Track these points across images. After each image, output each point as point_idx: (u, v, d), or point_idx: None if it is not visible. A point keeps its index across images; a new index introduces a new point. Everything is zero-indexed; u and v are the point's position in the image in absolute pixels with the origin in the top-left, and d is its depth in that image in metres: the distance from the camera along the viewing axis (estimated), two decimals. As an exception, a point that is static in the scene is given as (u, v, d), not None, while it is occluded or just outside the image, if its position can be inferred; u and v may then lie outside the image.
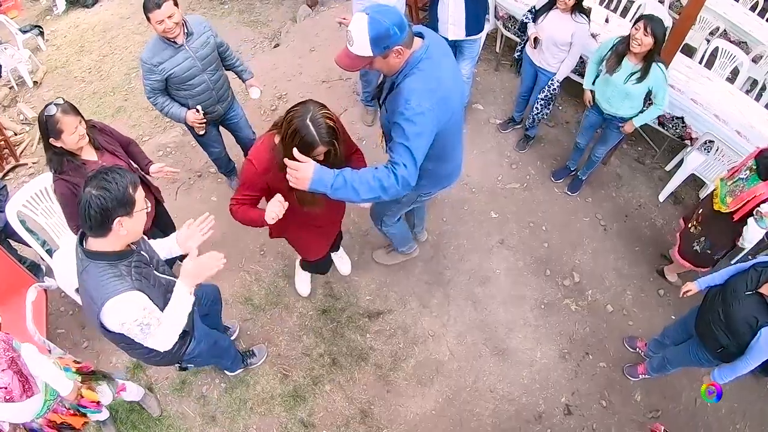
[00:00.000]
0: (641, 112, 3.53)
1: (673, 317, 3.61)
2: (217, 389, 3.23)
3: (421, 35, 2.15)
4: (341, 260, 3.65)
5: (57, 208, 3.28)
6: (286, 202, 2.27)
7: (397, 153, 2.08)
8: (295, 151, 1.97)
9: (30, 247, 3.56)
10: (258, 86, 3.51)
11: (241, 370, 3.25)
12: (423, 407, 3.22)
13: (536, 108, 4.04)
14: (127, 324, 1.81)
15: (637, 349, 3.50)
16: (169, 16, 2.72)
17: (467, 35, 3.73)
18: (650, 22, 3.06)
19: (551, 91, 3.90)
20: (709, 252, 3.25)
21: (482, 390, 3.30)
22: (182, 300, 2.00)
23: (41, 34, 6.26)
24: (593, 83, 3.65)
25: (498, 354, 3.43)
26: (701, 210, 3.25)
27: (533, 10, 3.87)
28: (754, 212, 2.81)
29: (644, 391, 3.39)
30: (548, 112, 4.10)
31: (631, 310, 3.70)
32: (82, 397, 2.54)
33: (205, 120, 3.19)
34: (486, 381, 3.34)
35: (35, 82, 5.76)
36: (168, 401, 3.20)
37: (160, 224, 3.09)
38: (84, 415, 2.69)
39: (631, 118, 3.54)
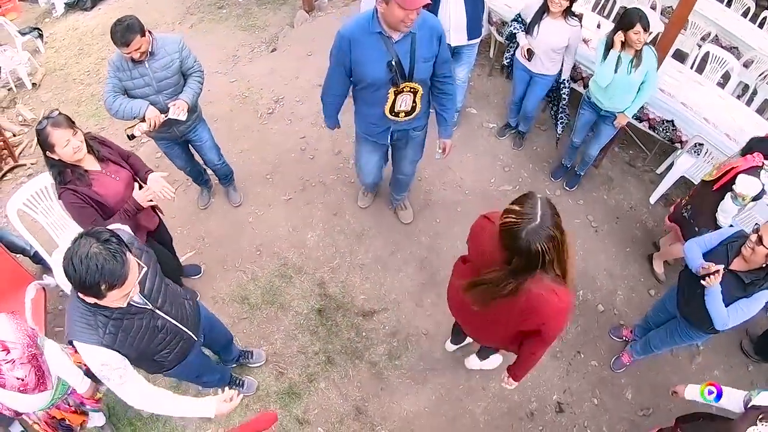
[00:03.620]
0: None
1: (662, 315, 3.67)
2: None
3: None
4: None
5: (57, 206, 3.32)
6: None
7: None
8: None
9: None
10: (182, 110, 3.06)
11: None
12: (416, 405, 3.26)
13: (561, 117, 4.17)
14: (90, 366, 1.83)
15: (624, 338, 3.57)
16: (137, 48, 2.76)
17: (469, 39, 3.77)
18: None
19: (567, 92, 4.01)
20: (691, 222, 3.32)
21: (475, 388, 3.34)
22: (190, 410, 2.04)
23: (40, 36, 6.28)
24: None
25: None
26: (695, 186, 3.43)
27: (519, 19, 3.86)
28: (733, 187, 2.94)
29: (635, 389, 3.44)
30: (569, 115, 4.23)
31: (622, 309, 3.76)
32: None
33: (157, 127, 3.02)
34: (479, 379, 3.37)
35: (34, 84, 5.78)
36: (164, 399, 3.23)
37: (158, 236, 3.08)
38: (84, 414, 2.73)
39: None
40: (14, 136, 5.22)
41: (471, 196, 4.19)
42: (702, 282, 2.55)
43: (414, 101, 2.86)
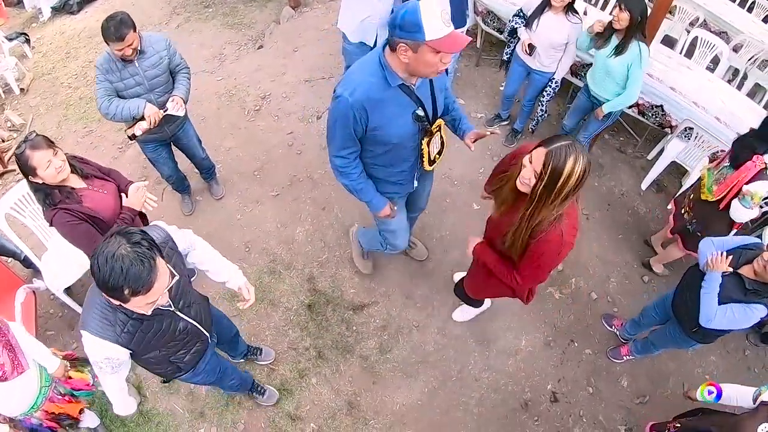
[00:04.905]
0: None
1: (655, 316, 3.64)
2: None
3: None
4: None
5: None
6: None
7: None
8: None
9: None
10: (181, 106, 3.10)
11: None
12: (409, 398, 3.23)
13: (540, 110, 4.14)
14: (88, 355, 1.79)
15: (613, 328, 3.54)
16: (130, 44, 2.73)
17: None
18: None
19: (554, 90, 3.97)
20: (699, 235, 3.26)
21: (468, 379, 3.32)
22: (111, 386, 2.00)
23: (27, 41, 6.25)
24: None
25: (483, 343, 3.45)
26: (692, 196, 3.28)
27: (521, 14, 3.84)
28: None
29: (631, 376, 3.41)
30: (548, 112, 4.20)
31: (615, 296, 3.73)
32: (71, 378, 2.56)
33: (159, 122, 3.03)
34: (471, 370, 3.35)
35: (22, 89, 5.75)
36: (157, 398, 3.20)
37: None
38: (79, 401, 2.70)
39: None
40: (3, 141, 5.20)
41: (460, 186, 4.16)
42: (708, 257, 2.49)
43: (441, 137, 2.50)
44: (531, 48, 3.75)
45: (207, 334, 2.22)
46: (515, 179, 1.88)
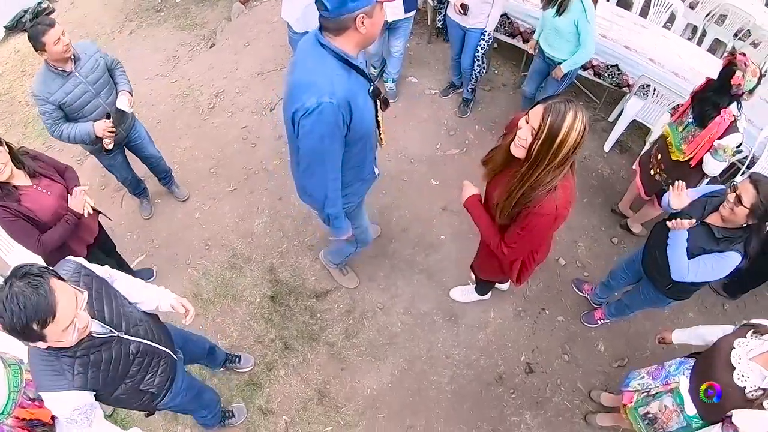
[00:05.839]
0: None
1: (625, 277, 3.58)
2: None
3: None
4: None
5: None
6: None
7: None
8: None
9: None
10: (129, 99, 3.11)
11: (216, 428, 2.98)
12: (379, 381, 3.17)
13: (476, 67, 4.01)
14: (56, 412, 1.71)
15: (584, 292, 3.47)
16: (63, 33, 2.69)
17: (406, 12, 3.72)
18: None
19: (488, 44, 3.88)
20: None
21: (438, 357, 3.25)
22: None
23: (-18, 63, 6.17)
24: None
25: (450, 320, 3.38)
26: (660, 157, 3.19)
27: None
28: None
29: (607, 340, 3.35)
30: (486, 67, 4.07)
31: (585, 261, 3.67)
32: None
33: (114, 129, 3.02)
34: (441, 348, 3.29)
35: (-21, 112, 5.67)
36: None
37: (101, 246, 3.00)
38: None
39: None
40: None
41: (417, 164, 4.10)
42: (668, 224, 2.42)
43: None
44: (464, 7, 3.68)
45: (167, 351, 2.13)
46: (509, 144, 1.81)
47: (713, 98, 2.73)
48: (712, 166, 2.82)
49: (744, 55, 2.61)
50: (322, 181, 2.09)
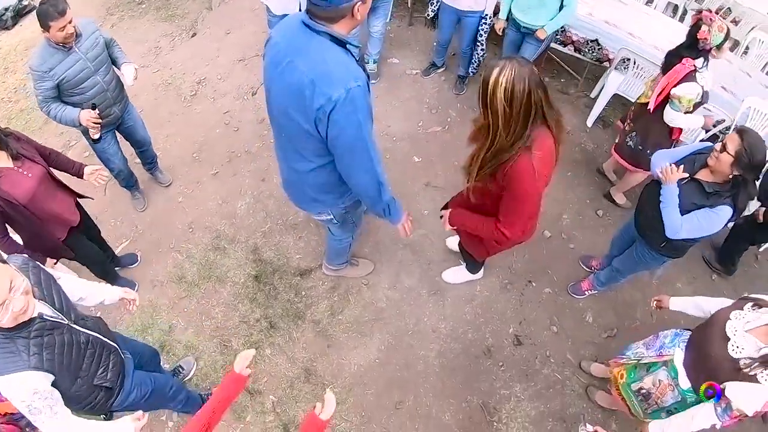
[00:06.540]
0: None
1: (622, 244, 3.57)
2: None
3: None
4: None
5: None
6: None
7: None
8: None
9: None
10: (135, 69, 3.17)
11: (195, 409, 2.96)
12: (366, 357, 3.14)
13: (480, 50, 4.04)
14: (15, 402, 1.66)
15: (592, 268, 3.46)
16: (70, 21, 2.68)
17: None
18: None
19: (489, 26, 3.90)
20: (641, 148, 3.23)
21: (425, 331, 3.23)
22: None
23: (-37, 62, 6.12)
24: None
25: (436, 293, 3.37)
26: (632, 108, 3.31)
27: None
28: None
29: (595, 311, 3.35)
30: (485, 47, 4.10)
31: (570, 233, 3.67)
32: None
33: (100, 120, 3.00)
34: (428, 322, 3.27)
35: (-39, 110, 5.62)
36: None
37: (84, 231, 2.98)
38: None
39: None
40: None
41: (400, 142, 4.09)
42: (657, 171, 2.45)
43: None
44: None
45: (115, 345, 2.14)
46: None
47: (680, 51, 2.87)
48: (670, 116, 2.93)
49: (710, 11, 2.68)
50: (371, 169, 1.94)
